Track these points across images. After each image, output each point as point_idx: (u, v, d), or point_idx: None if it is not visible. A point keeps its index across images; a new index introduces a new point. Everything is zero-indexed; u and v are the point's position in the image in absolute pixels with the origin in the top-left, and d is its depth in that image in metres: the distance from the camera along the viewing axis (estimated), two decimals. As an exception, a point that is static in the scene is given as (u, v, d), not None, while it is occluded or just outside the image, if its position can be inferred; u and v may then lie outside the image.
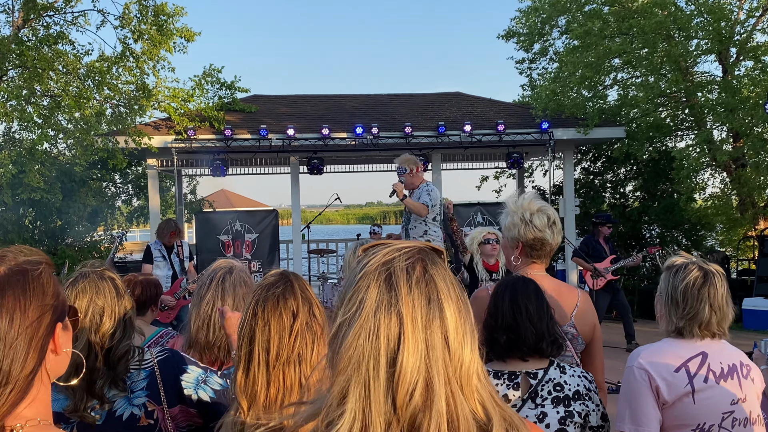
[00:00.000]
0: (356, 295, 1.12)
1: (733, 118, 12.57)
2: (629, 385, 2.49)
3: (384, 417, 1.06)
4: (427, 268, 1.14)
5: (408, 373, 1.06)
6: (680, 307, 2.52)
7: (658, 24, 12.47)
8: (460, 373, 1.10)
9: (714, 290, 2.49)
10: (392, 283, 1.11)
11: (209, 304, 2.59)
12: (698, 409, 2.41)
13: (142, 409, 2.11)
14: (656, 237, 15.20)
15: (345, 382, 1.08)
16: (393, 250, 1.16)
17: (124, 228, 16.25)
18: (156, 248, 8.27)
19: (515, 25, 16.89)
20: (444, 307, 1.11)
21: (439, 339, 1.09)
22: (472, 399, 1.11)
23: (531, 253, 3.01)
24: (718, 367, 2.46)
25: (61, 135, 11.89)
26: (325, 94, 16.16)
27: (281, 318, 1.77)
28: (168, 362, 2.21)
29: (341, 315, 1.13)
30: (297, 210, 13.71)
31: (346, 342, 1.09)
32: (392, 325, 1.08)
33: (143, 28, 11.84)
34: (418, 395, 1.06)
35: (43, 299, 1.35)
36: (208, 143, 12.38)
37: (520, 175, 16.17)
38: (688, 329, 2.51)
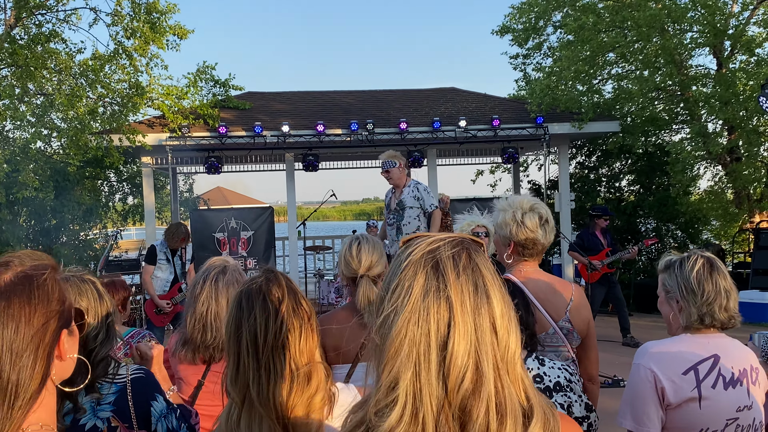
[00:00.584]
0: (403, 282, 1.15)
1: (727, 111, 12.59)
2: (634, 382, 2.46)
3: (436, 400, 1.09)
4: (471, 256, 1.17)
5: (459, 356, 1.09)
6: (698, 294, 2.48)
7: (652, 17, 12.46)
8: (506, 359, 1.13)
9: (722, 273, 2.51)
10: (440, 270, 1.14)
11: (204, 304, 2.59)
12: (703, 415, 2.38)
13: (105, 423, 2.10)
14: (652, 231, 15.21)
15: (396, 367, 1.11)
16: (436, 240, 1.19)
17: (118, 227, 16.21)
18: (161, 250, 8.13)
19: (509, 21, 16.87)
20: (490, 294, 1.14)
21: (487, 324, 1.12)
22: (517, 384, 1.14)
23: (523, 252, 3.00)
24: (728, 372, 2.42)
25: (54, 134, 11.83)
26: (319, 91, 16.13)
27: (265, 303, 1.77)
28: (141, 383, 2.19)
29: (388, 303, 1.15)
30: (293, 207, 13.69)
31: (395, 328, 1.12)
32: (442, 311, 1.11)
33: (135, 25, 11.79)
34: (469, 379, 1.08)
35: (48, 306, 1.34)
36: (202, 141, 12.35)
37: (516, 170, 16.18)
38: (711, 315, 2.47)
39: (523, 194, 3.14)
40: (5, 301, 1.29)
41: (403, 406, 1.08)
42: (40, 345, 1.30)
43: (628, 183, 16.31)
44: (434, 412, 1.08)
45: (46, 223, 13.71)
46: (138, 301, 12.01)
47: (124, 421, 2.11)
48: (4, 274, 1.33)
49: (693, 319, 2.50)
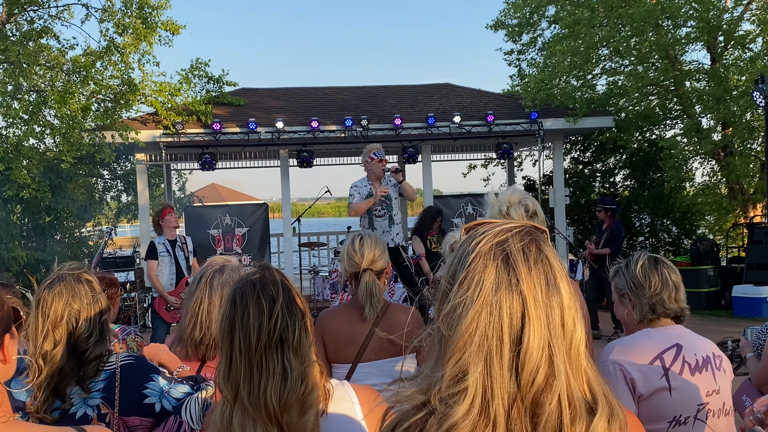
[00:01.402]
0: (472, 274, 1.13)
1: (720, 107, 12.61)
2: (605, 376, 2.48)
3: (508, 395, 1.08)
4: (541, 247, 1.16)
5: (534, 351, 1.08)
6: (645, 286, 2.58)
7: (647, 12, 12.48)
8: (572, 352, 1.12)
9: (669, 267, 2.62)
10: (511, 263, 1.13)
11: (197, 301, 2.59)
12: (674, 402, 2.41)
13: (95, 410, 2.10)
14: (646, 226, 15.25)
15: (463, 359, 1.10)
16: (504, 230, 1.18)
17: (112, 223, 16.17)
18: (160, 242, 7.88)
19: (504, 16, 16.87)
20: (560, 287, 1.14)
21: (557, 318, 1.12)
22: (581, 378, 1.13)
23: None
24: (693, 359, 2.46)
25: (48, 131, 11.78)
26: (314, 87, 16.11)
27: (259, 301, 1.75)
28: (131, 369, 2.19)
29: (456, 295, 1.14)
30: (287, 203, 13.67)
31: (464, 321, 1.10)
32: (515, 305, 1.10)
33: (127, 21, 11.73)
34: (543, 374, 1.08)
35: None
36: (196, 137, 12.32)
37: (510, 166, 16.19)
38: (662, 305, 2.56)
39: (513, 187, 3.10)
40: None
41: (473, 398, 1.08)
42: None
43: (622, 178, 16.34)
44: (506, 407, 1.08)
45: (40, 221, 13.67)
46: (133, 298, 12.00)
47: (113, 407, 2.12)
48: None
49: (645, 311, 2.58)
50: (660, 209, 14.59)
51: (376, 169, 7.38)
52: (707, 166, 15.37)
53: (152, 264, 7.85)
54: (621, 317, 2.71)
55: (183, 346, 2.62)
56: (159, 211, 7.97)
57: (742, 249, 13.73)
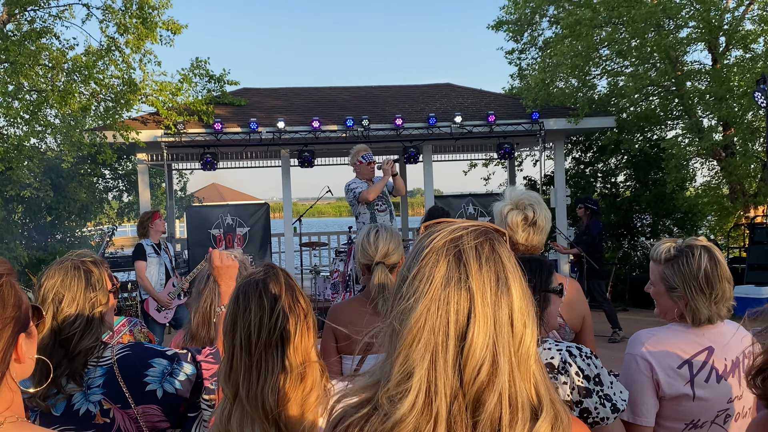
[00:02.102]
0: (423, 270, 1.13)
1: (722, 107, 12.60)
2: (630, 372, 2.43)
3: (450, 391, 1.08)
4: (494, 247, 1.16)
5: (478, 348, 1.08)
6: (706, 293, 2.41)
7: (648, 13, 12.47)
8: (520, 354, 1.12)
9: (722, 264, 2.45)
10: (462, 259, 1.12)
11: (207, 300, 2.59)
12: (694, 407, 2.38)
13: (97, 406, 2.09)
14: (647, 226, 15.23)
15: (411, 355, 1.10)
16: (460, 228, 1.18)
17: (114, 223, 16.18)
18: (147, 244, 7.95)
19: (504, 14, 16.86)
20: (511, 287, 1.13)
21: (506, 317, 1.11)
22: (528, 380, 1.12)
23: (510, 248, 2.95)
24: (722, 364, 2.39)
25: (49, 130, 11.79)
26: (315, 87, 16.10)
27: (261, 299, 1.76)
28: (128, 360, 2.17)
29: (407, 290, 1.14)
30: (288, 203, 13.67)
31: (413, 315, 1.10)
32: (462, 301, 1.10)
33: (128, 20, 11.73)
34: (485, 371, 1.08)
35: (3, 313, 1.33)
36: (197, 137, 12.32)
37: (511, 166, 16.18)
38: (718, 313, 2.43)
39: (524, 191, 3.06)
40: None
41: (417, 393, 1.08)
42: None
43: (624, 178, 16.32)
44: (448, 402, 1.08)
45: (42, 220, 13.68)
46: (134, 298, 12.00)
47: (116, 402, 2.10)
48: None
49: (702, 318, 2.43)
50: (661, 209, 14.57)
51: (365, 171, 7.42)
52: (708, 167, 15.37)
53: (142, 265, 7.86)
54: (663, 308, 2.54)
55: (198, 344, 2.63)
56: (149, 214, 8.04)
57: (743, 249, 13.71)
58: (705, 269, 2.41)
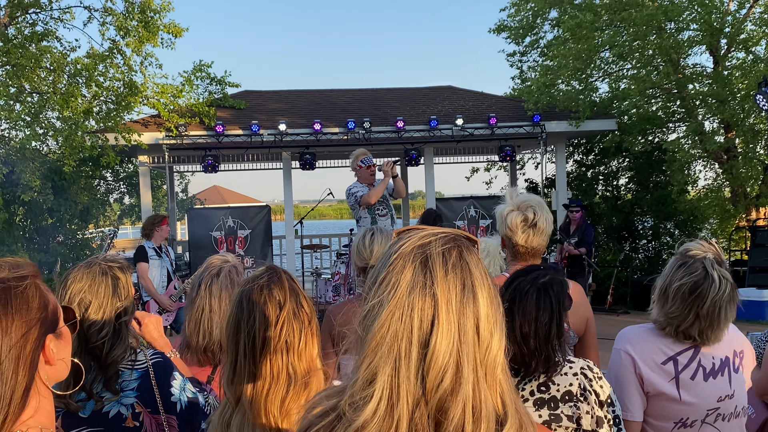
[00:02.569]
0: (390, 275, 1.12)
1: (724, 110, 12.59)
2: (616, 367, 2.43)
3: (413, 398, 1.07)
4: (462, 254, 1.14)
5: (440, 355, 1.06)
6: (668, 304, 2.42)
7: (650, 16, 12.47)
8: (486, 362, 1.10)
9: (704, 299, 2.34)
10: (428, 265, 1.11)
11: (199, 309, 2.58)
12: (682, 405, 2.36)
13: (129, 409, 2.08)
14: (649, 229, 15.21)
15: (375, 361, 1.09)
16: (429, 234, 1.16)
17: (115, 225, 16.18)
18: (149, 247, 7.99)
19: (506, 17, 16.85)
20: (477, 294, 1.11)
21: (471, 325, 1.09)
22: (494, 389, 1.11)
23: (510, 251, 2.97)
24: (709, 362, 2.38)
25: (51, 132, 11.79)
26: (316, 89, 16.11)
27: (266, 306, 1.74)
28: (161, 366, 2.18)
29: (374, 295, 1.13)
30: (290, 205, 13.67)
31: (378, 321, 1.09)
32: (426, 307, 1.08)
33: (129, 23, 11.73)
34: (448, 379, 1.06)
35: (27, 314, 1.31)
36: (199, 139, 12.33)
37: (513, 168, 16.17)
38: (667, 328, 2.42)
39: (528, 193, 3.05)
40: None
41: (379, 400, 1.06)
42: (20, 355, 1.28)
43: (625, 181, 16.30)
44: (410, 410, 1.06)
45: (43, 222, 13.68)
46: (136, 300, 12.01)
47: (147, 406, 2.09)
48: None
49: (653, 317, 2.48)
50: (663, 212, 14.55)
51: (365, 175, 7.41)
52: (710, 169, 15.36)
53: (144, 266, 7.88)
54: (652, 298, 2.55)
55: (192, 352, 2.62)
56: (159, 219, 8.06)
57: (744, 252, 13.70)
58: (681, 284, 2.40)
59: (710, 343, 2.42)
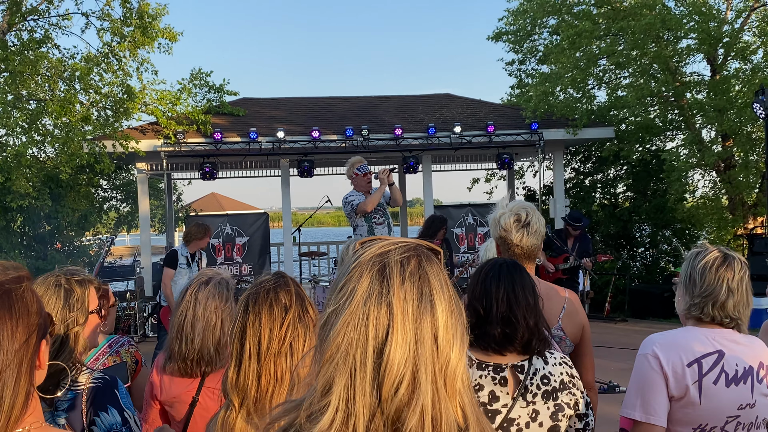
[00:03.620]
0: (348, 284, 1.11)
1: (722, 119, 12.62)
2: (642, 372, 2.41)
3: (368, 408, 1.05)
4: (421, 263, 1.13)
5: (395, 364, 1.05)
6: (697, 285, 2.44)
7: (649, 25, 12.50)
8: (446, 372, 1.08)
9: (732, 272, 2.43)
10: (385, 274, 1.09)
11: (182, 314, 2.53)
12: (702, 410, 2.35)
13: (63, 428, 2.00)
14: (647, 237, 15.23)
15: (331, 371, 1.07)
16: (389, 243, 1.15)
17: (112, 233, 16.15)
18: (182, 254, 7.88)
19: (504, 25, 16.90)
20: (435, 304, 1.10)
21: (428, 334, 1.08)
22: (454, 400, 1.09)
23: (506, 254, 2.98)
24: (732, 368, 2.37)
25: (48, 139, 11.78)
26: (314, 97, 16.13)
27: (272, 309, 1.76)
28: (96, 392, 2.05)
29: (332, 304, 1.12)
30: (288, 212, 13.67)
31: (334, 330, 1.08)
32: (382, 316, 1.07)
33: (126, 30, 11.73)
34: (404, 389, 1.05)
35: (28, 319, 1.31)
36: (197, 147, 12.33)
37: (511, 176, 16.19)
38: (703, 308, 2.43)
39: (517, 200, 3.10)
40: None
41: (335, 410, 1.05)
42: (23, 360, 1.27)
43: (623, 189, 16.33)
44: (366, 420, 1.04)
45: (41, 230, 13.66)
46: (133, 308, 11.97)
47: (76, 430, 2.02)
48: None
49: (685, 308, 2.48)
50: (661, 220, 14.57)
51: (361, 183, 7.38)
52: (708, 178, 15.38)
53: (169, 272, 7.81)
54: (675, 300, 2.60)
55: (174, 361, 2.55)
56: (204, 230, 7.95)
57: (742, 260, 13.68)
58: (705, 263, 2.45)
59: (743, 326, 2.47)
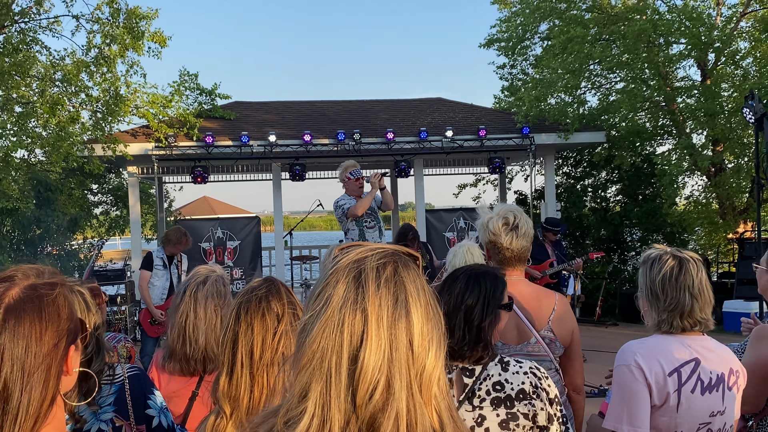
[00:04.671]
0: (325, 290, 1.12)
1: (713, 124, 12.67)
2: (626, 383, 2.41)
3: (344, 414, 1.05)
4: (398, 269, 1.13)
5: (369, 371, 1.05)
6: (660, 299, 2.45)
7: (641, 30, 12.55)
8: (422, 378, 1.09)
9: (691, 277, 2.43)
10: (361, 280, 1.10)
11: (183, 315, 2.55)
12: (679, 418, 2.37)
13: (109, 424, 2.07)
14: (638, 241, 15.28)
15: (307, 377, 1.08)
16: (366, 250, 1.16)
17: (102, 237, 16.08)
18: (158, 256, 7.92)
19: (496, 32, 16.93)
20: (411, 310, 1.10)
21: (403, 340, 1.08)
22: (430, 406, 1.09)
23: (496, 258, 3.01)
24: (707, 376, 2.39)
25: (38, 142, 11.71)
26: (306, 101, 16.13)
27: (264, 319, 1.75)
28: (138, 379, 2.18)
29: (309, 310, 1.12)
30: (279, 216, 13.65)
31: (310, 336, 1.09)
32: (356, 322, 1.07)
33: (115, 32, 11.66)
34: (379, 394, 1.05)
35: (59, 324, 1.30)
36: (188, 150, 12.30)
37: (502, 180, 16.22)
38: (672, 321, 2.43)
39: (504, 204, 3.12)
40: (15, 318, 1.24)
41: (311, 417, 1.05)
42: (51, 365, 1.26)
43: (614, 193, 16.38)
44: (341, 426, 1.05)
45: (30, 234, 13.59)
46: (123, 311, 11.92)
47: (126, 419, 2.08)
48: (10, 289, 1.27)
49: (653, 324, 2.49)
50: (652, 224, 14.62)
51: (353, 188, 7.37)
52: (698, 182, 15.44)
53: (145, 274, 7.82)
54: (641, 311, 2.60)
55: (175, 360, 2.59)
56: (181, 234, 7.95)
57: (732, 264, 13.77)
58: (663, 274, 2.45)
59: (709, 324, 2.47)
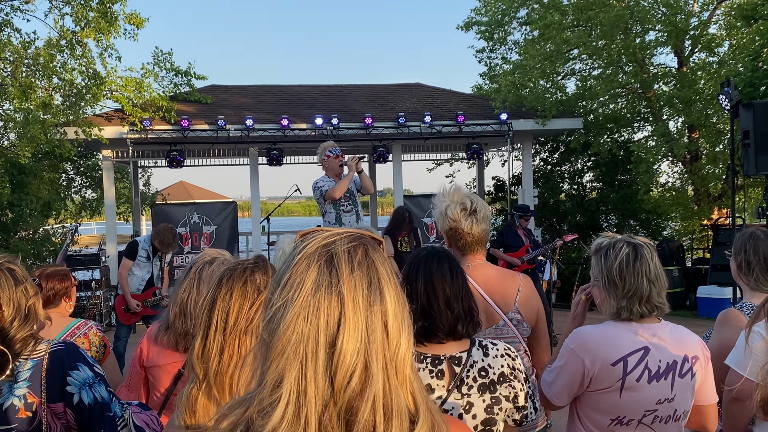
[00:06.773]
0: (294, 276, 1.10)
1: (689, 111, 12.76)
2: (565, 361, 2.47)
3: (321, 400, 1.05)
4: (368, 252, 1.14)
5: (348, 355, 1.05)
6: (618, 287, 2.45)
7: (617, 17, 12.58)
8: (396, 360, 1.09)
9: (647, 263, 2.45)
10: (333, 264, 1.10)
11: (185, 291, 2.57)
12: (622, 403, 2.39)
13: (22, 399, 2.10)
14: (614, 227, 15.39)
15: (281, 364, 1.06)
16: (333, 234, 1.15)
17: (77, 221, 15.89)
18: (144, 247, 7.78)
19: (475, 15, 16.91)
20: (384, 292, 1.10)
21: (378, 323, 1.08)
22: (405, 387, 1.10)
23: (457, 244, 3.02)
24: (655, 365, 2.40)
25: (10, 125, 11.51)
26: (284, 85, 16.01)
27: (245, 287, 1.78)
28: (58, 354, 2.20)
29: (278, 297, 1.10)
30: (256, 201, 13.57)
31: (284, 323, 1.07)
32: (333, 306, 1.07)
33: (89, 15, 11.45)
34: (357, 378, 1.05)
35: None
36: (164, 134, 12.16)
37: (480, 166, 16.25)
38: (631, 308, 2.44)
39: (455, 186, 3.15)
40: None
41: (287, 404, 1.04)
42: None
43: (591, 179, 16.48)
44: (318, 412, 1.04)
45: (3, 218, 13.38)
46: (98, 297, 11.81)
47: (39, 395, 2.11)
48: None
49: (612, 311, 2.50)
50: (627, 210, 14.74)
51: (333, 166, 7.34)
52: (674, 169, 15.56)
53: (127, 263, 7.73)
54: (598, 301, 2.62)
55: (171, 334, 2.61)
56: (173, 236, 7.83)
57: (707, 250, 13.92)
58: (620, 262, 2.47)
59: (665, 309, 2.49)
